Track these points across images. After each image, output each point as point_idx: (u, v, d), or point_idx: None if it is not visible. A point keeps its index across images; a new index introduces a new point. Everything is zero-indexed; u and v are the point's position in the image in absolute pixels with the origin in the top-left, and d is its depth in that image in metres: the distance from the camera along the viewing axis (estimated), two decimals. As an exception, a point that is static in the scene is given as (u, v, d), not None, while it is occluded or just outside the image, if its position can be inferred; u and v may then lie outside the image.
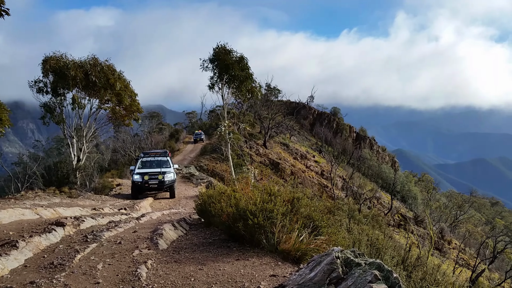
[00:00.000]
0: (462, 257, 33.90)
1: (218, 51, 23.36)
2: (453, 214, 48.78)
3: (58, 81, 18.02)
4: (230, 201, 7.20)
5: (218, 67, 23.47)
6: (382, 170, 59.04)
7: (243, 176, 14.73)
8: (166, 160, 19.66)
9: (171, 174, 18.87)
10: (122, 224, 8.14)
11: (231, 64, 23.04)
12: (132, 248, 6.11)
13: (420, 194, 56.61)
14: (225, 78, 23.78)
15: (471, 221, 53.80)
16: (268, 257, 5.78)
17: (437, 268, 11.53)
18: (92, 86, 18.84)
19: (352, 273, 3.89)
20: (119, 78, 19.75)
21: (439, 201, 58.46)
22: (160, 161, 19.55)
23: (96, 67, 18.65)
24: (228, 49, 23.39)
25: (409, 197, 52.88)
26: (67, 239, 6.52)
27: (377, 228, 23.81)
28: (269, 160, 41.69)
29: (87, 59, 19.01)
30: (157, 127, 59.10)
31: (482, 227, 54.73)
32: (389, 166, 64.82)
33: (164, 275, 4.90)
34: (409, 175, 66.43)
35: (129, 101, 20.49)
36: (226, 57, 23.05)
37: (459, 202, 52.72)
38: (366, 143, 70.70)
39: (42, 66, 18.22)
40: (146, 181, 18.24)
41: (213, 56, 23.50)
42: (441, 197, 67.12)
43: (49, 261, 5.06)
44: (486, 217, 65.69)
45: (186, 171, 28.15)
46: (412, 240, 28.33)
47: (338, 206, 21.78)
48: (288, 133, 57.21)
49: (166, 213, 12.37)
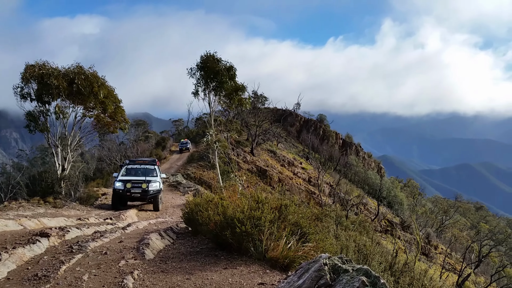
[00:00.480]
0: (449, 262, 34.26)
1: (206, 58, 23.29)
2: (439, 219, 49.36)
3: (42, 89, 17.77)
4: (217, 209, 7.17)
5: (206, 74, 23.39)
6: (368, 176, 59.49)
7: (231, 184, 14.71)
8: (153, 169, 18.33)
9: (157, 184, 17.32)
10: (108, 234, 8.04)
11: (219, 71, 23.01)
12: (118, 258, 6.03)
13: (406, 199, 57.15)
14: (212, 85, 23.72)
15: (457, 225, 54.44)
16: (256, 265, 5.76)
17: (424, 273, 11.62)
18: (76, 94, 18.63)
19: (340, 280, 3.90)
20: (103, 85, 19.58)
21: (425, 207, 59.13)
22: (146, 169, 18.18)
23: (81, 75, 18.45)
24: (217, 58, 23.33)
25: (395, 202, 53.33)
26: (52, 250, 6.40)
27: (364, 234, 23.92)
28: (257, 167, 41.69)
29: (71, 67, 18.83)
30: (143, 135, 58.69)
31: (467, 231, 55.43)
32: (375, 172, 65.35)
33: (151, 285, 4.85)
34: (395, 181, 67.10)
35: (113, 108, 20.27)
36: (214, 65, 23.02)
37: (445, 207, 53.39)
38: (352, 150, 71.25)
39: (22, 74, 17.93)
40: (128, 190, 16.70)
41: (201, 63, 23.41)
42: (427, 202, 67.90)
43: (33, 273, 4.96)
44: (471, 221, 66.54)
45: (173, 179, 27.97)
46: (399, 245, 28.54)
47: (325, 213, 21.85)
48: (275, 140, 57.35)
49: (153, 222, 12.26)
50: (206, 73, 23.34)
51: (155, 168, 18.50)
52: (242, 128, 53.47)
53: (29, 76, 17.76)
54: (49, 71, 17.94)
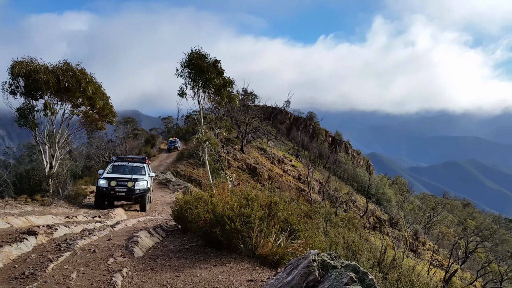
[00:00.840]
0: (436, 258, 34.68)
1: (192, 55, 23.06)
2: (426, 216, 49.90)
3: (31, 84, 17.60)
4: (207, 206, 7.17)
5: (193, 72, 23.20)
6: (357, 174, 59.88)
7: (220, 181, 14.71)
8: (141, 167, 17.42)
9: (144, 183, 16.33)
10: (96, 232, 7.98)
11: (206, 68, 22.80)
12: (106, 256, 6.00)
13: (394, 196, 57.69)
14: (200, 83, 23.57)
15: (444, 222, 55.12)
16: (245, 262, 5.78)
17: (412, 269, 11.76)
18: (64, 91, 18.45)
19: (328, 276, 3.93)
20: (91, 82, 19.42)
21: (413, 203, 59.71)
22: (134, 167, 17.21)
23: (68, 72, 18.27)
24: (203, 53, 23.07)
25: (384, 199, 53.79)
26: (40, 248, 6.34)
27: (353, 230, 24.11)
28: (247, 165, 41.70)
29: (58, 64, 18.64)
30: (132, 132, 58.28)
31: (454, 228, 56.14)
32: (364, 170, 65.80)
33: (140, 283, 4.83)
34: (384, 178, 67.69)
35: (102, 104, 20.12)
36: (200, 61, 22.81)
37: (432, 204, 54.01)
38: (341, 147, 71.62)
39: (10, 71, 17.76)
40: (113, 188, 15.74)
41: (187, 61, 23.20)
42: (415, 199, 68.59)
43: (20, 271, 4.91)
44: (458, 218, 67.39)
45: (162, 177, 27.86)
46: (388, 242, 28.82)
47: (315, 210, 21.96)
48: (265, 137, 57.40)
49: (142, 220, 12.21)
50: (193, 71, 23.16)
51: (144, 166, 17.62)
52: (232, 125, 53.42)
53: (17, 72, 17.57)
54: (36, 67, 17.76)
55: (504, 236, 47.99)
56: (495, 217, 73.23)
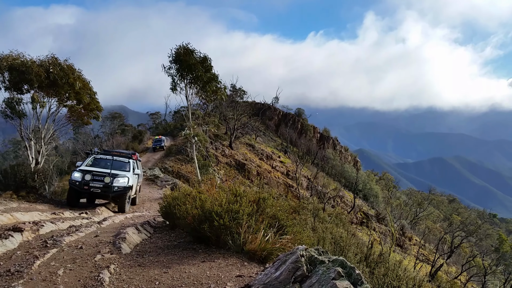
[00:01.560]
0: (422, 253, 35.18)
1: (179, 51, 22.82)
2: (413, 211, 50.55)
3: (17, 78, 17.39)
4: (195, 202, 7.15)
5: (181, 68, 23.00)
6: (345, 170, 60.34)
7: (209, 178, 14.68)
8: (126, 162, 15.39)
9: (125, 180, 14.12)
10: (83, 229, 7.92)
11: (193, 65, 22.64)
12: (94, 252, 5.96)
13: (381, 192, 58.31)
14: (188, 79, 23.42)
15: (430, 217, 55.93)
16: (234, 258, 5.79)
17: (399, 264, 11.92)
18: (52, 86, 18.26)
19: (316, 271, 3.96)
20: (78, 77, 19.27)
21: (399, 199, 60.47)
22: (117, 162, 15.14)
23: (56, 67, 18.10)
24: (191, 49, 22.85)
25: (371, 195, 54.32)
26: (26, 244, 6.27)
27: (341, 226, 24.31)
28: (235, 161, 41.68)
29: (46, 58, 18.43)
30: (119, 128, 57.78)
31: (440, 223, 57.01)
32: (351, 166, 66.32)
33: (128, 279, 4.81)
34: (371, 174, 68.30)
35: (88, 99, 19.97)
36: (188, 58, 22.62)
37: (419, 199, 54.74)
38: (329, 144, 72.03)
39: None
40: (87, 183, 13.50)
41: (174, 57, 22.96)
42: (401, 195, 69.45)
43: (6, 269, 4.85)
44: (444, 213, 68.44)
45: (150, 173, 27.69)
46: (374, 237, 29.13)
47: (303, 206, 22.07)
48: (254, 134, 57.43)
49: (129, 216, 12.14)
50: (181, 67, 22.97)
51: (130, 162, 15.53)
52: (220, 121, 53.29)
53: (5, 66, 17.36)
54: (23, 62, 17.58)
55: (488, 231, 48.97)
56: (479, 212, 74.57)
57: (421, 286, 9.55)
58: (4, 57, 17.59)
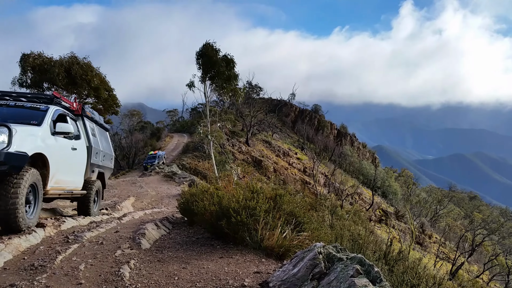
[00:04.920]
0: (443, 251, 34.65)
1: (206, 47, 23.50)
2: (433, 209, 49.79)
3: (41, 76, 17.89)
4: (213, 199, 7.20)
5: (204, 63, 23.53)
6: (363, 166, 59.78)
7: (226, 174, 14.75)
8: (38, 110, 7.58)
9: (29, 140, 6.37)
10: (104, 224, 8.05)
11: (216, 61, 23.18)
12: (114, 248, 6.06)
13: (400, 189, 57.61)
14: (209, 75, 23.81)
15: (451, 215, 54.99)
16: (251, 254, 5.81)
17: (418, 262, 11.76)
18: (72, 83, 18.70)
19: (334, 268, 3.95)
20: (96, 74, 19.70)
21: (419, 196, 59.61)
22: (16, 110, 7.61)
23: (76, 65, 18.54)
24: (216, 48, 23.54)
25: (390, 192, 53.71)
26: (48, 240, 6.41)
27: (359, 223, 24.13)
28: (252, 157, 41.75)
29: (64, 57, 18.87)
30: (137, 125, 58.49)
31: (461, 221, 56.00)
32: (369, 162, 65.69)
33: (148, 274, 4.88)
34: (389, 171, 67.49)
35: (106, 95, 20.38)
36: (212, 55, 23.19)
37: (439, 197, 53.85)
38: (347, 140, 71.48)
39: (20, 64, 18.05)
40: None
41: (200, 52, 23.59)
42: (421, 192, 68.43)
43: (30, 263, 4.98)
44: (464, 211, 67.19)
45: (168, 170, 27.96)
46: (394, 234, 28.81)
47: (320, 202, 21.98)
48: (270, 130, 57.37)
49: (149, 212, 12.29)
50: (204, 63, 23.47)
51: (49, 111, 7.63)
52: (237, 118, 53.41)
53: (27, 66, 17.87)
54: (45, 61, 18.06)
55: (511, 229, 47.82)
56: (502, 210, 72.89)
57: (441, 284, 9.41)
58: (26, 56, 18.07)
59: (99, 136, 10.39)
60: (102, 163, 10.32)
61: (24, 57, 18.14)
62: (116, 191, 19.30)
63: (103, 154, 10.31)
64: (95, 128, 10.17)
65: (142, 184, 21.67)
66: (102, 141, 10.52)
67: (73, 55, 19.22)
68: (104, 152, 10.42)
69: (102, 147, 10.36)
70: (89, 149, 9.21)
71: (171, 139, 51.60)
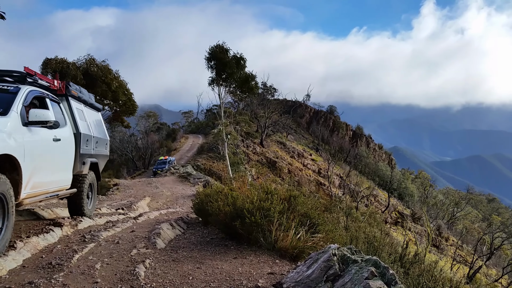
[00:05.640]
0: (460, 254, 34.08)
1: (215, 49, 23.45)
2: (450, 211, 49.02)
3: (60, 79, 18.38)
4: (227, 200, 7.22)
5: (216, 65, 23.59)
6: (379, 168, 59.22)
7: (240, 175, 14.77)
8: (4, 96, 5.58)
9: None
10: (120, 224, 8.14)
11: (228, 63, 23.18)
12: (130, 247, 6.12)
13: (417, 191, 56.87)
14: (223, 76, 23.90)
15: (468, 217, 54.06)
16: (265, 255, 5.81)
17: (435, 265, 11.60)
18: (91, 86, 19.01)
19: (349, 270, 3.92)
20: (115, 77, 19.97)
21: (436, 198, 58.72)
22: None
23: (94, 67, 18.89)
24: (226, 48, 23.46)
25: (406, 194, 53.08)
26: (65, 239, 6.51)
27: (375, 225, 23.90)
28: (266, 158, 41.73)
29: (79, 60, 19.28)
30: (153, 126, 59.06)
31: (479, 223, 54.97)
32: (385, 164, 65.03)
33: (162, 274, 4.92)
34: (406, 172, 66.76)
35: (125, 98, 20.64)
36: (223, 56, 23.19)
37: (456, 199, 53.02)
38: (362, 141, 70.90)
39: (42, 67, 18.50)
40: None
41: (209, 54, 23.56)
42: (438, 194, 67.42)
43: (47, 261, 5.06)
44: (483, 213, 65.97)
45: (183, 170, 28.13)
46: (410, 237, 28.46)
47: (335, 204, 21.85)
48: (285, 131, 57.27)
49: (164, 212, 12.38)
50: (216, 64, 23.54)
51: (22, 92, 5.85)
52: (251, 119, 53.48)
53: (49, 69, 18.29)
54: (66, 65, 18.51)
55: (531, 232, 46.69)
56: (522, 213, 71.33)
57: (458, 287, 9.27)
58: (49, 60, 18.52)
59: (90, 119, 8.76)
60: (95, 151, 8.63)
61: (47, 61, 18.58)
62: (132, 191, 19.50)
63: (95, 140, 8.61)
64: (84, 110, 8.50)
65: (158, 185, 21.85)
66: (93, 125, 8.84)
67: (91, 57, 19.56)
68: (96, 137, 8.73)
69: (94, 132, 8.67)
70: (78, 137, 7.56)
71: (186, 140, 51.88)
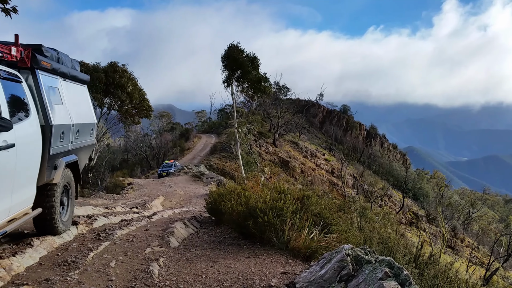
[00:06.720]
0: (476, 255, 33.56)
1: (230, 49, 23.90)
2: (465, 212, 48.28)
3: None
4: (240, 199, 7.23)
5: (230, 64, 23.94)
6: (393, 168, 58.65)
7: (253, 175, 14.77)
8: None
9: None
10: (134, 223, 8.22)
11: (242, 62, 23.58)
12: (144, 246, 6.18)
13: (432, 191, 56.14)
14: (235, 76, 24.16)
15: (484, 218, 53.11)
16: (278, 255, 5.81)
17: (450, 266, 11.43)
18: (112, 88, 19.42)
19: (362, 271, 3.90)
20: (130, 79, 20.23)
21: (451, 199, 57.86)
22: None
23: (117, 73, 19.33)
24: (241, 48, 23.96)
25: (421, 195, 52.45)
26: (80, 237, 6.60)
27: (389, 226, 23.67)
28: (279, 158, 41.67)
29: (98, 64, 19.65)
30: (167, 126, 59.50)
31: (495, 225, 53.98)
32: (400, 164, 64.36)
33: (176, 272, 4.95)
34: (421, 172, 65.88)
35: (139, 99, 20.91)
36: (237, 55, 23.57)
37: (472, 199, 52.13)
38: (376, 141, 70.29)
39: None
40: None
41: (225, 54, 23.99)
42: (453, 194, 66.40)
43: (63, 259, 5.14)
44: (499, 214, 64.76)
45: (196, 170, 28.27)
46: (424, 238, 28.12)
47: (348, 204, 21.70)
48: (298, 131, 57.09)
49: (177, 211, 12.46)
50: (230, 64, 23.81)
51: None
52: (264, 119, 53.45)
53: None
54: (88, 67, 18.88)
55: (549, 234, 45.72)
56: (539, 214, 69.87)
57: (474, 290, 9.12)
58: None
59: (70, 98, 6.34)
60: (75, 144, 6.38)
61: None
62: (146, 190, 19.69)
63: (76, 129, 6.32)
64: (61, 87, 6.11)
65: (171, 184, 22.01)
66: (74, 107, 6.45)
67: (114, 62, 20.00)
68: (78, 125, 6.42)
69: (75, 117, 6.35)
70: (47, 131, 5.29)
71: (199, 139, 52.05)
